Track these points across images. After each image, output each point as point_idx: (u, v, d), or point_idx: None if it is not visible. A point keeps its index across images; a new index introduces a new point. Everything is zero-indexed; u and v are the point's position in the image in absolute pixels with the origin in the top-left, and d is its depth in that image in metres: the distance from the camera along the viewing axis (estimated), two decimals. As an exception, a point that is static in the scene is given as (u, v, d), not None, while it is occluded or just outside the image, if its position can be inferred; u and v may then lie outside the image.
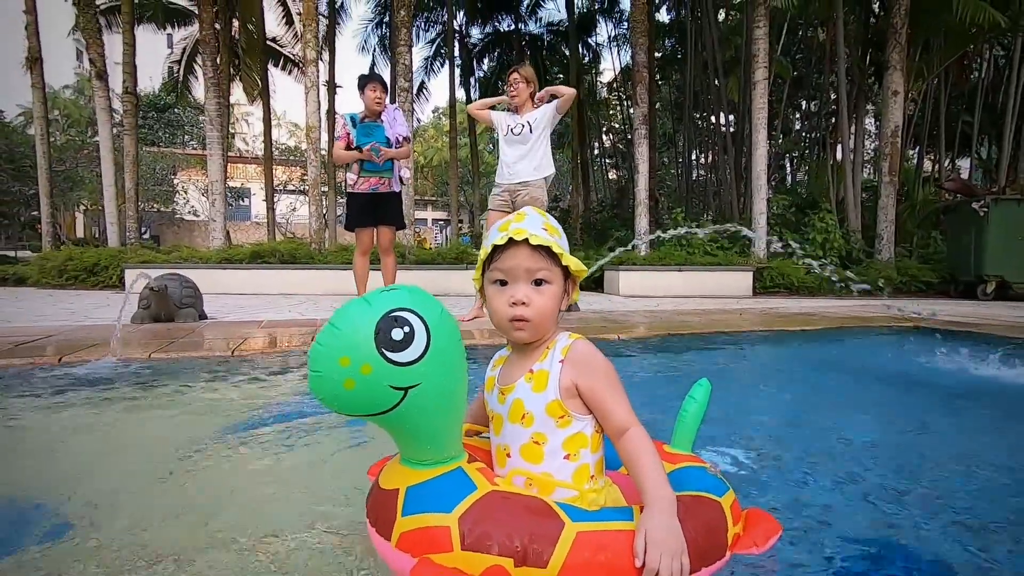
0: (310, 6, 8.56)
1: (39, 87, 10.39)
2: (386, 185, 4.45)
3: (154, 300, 3.62)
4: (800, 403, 2.26)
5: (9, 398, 2.06)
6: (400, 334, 0.80)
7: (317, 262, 7.88)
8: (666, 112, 21.75)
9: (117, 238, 9.91)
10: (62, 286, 7.91)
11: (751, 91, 8.33)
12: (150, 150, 24.69)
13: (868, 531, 1.11)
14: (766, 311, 5.21)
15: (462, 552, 0.79)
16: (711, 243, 8.42)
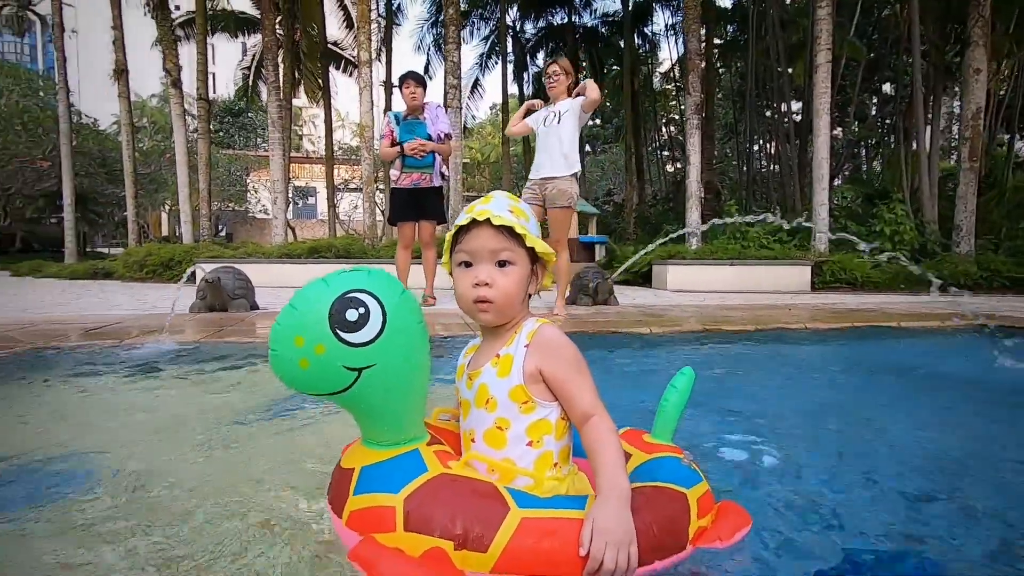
0: (364, 9, 8.85)
1: (125, 96, 11.32)
2: (427, 180, 4.57)
3: (209, 291, 3.88)
4: (827, 403, 2.15)
5: (76, 375, 2.29)
6: (355, 315, 0.80)
7: (370, 256, 8.17)
8: (728, 101, 20.94)
9: (191, 235, 10.65)
10: (142, 279, 8.61)
11: (813, 75, 7.88)
12: (225, 152, 26.30)
13: (892, 538, 1.05)
14: (820, 306, 4.94)
15: (405, 533, 0.80)
16: (767, 236, 8.06)
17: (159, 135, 23.02)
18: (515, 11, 18.20)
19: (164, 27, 10.81)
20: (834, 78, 11.86)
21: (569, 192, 4.14)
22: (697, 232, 8.10)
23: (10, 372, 2.28)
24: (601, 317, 3.94)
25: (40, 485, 1.24)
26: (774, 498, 1.17)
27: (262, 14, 10.58)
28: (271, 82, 10.03)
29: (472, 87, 19.65)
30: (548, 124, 4.18)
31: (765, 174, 16.51)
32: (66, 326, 3.30)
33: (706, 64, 15.98)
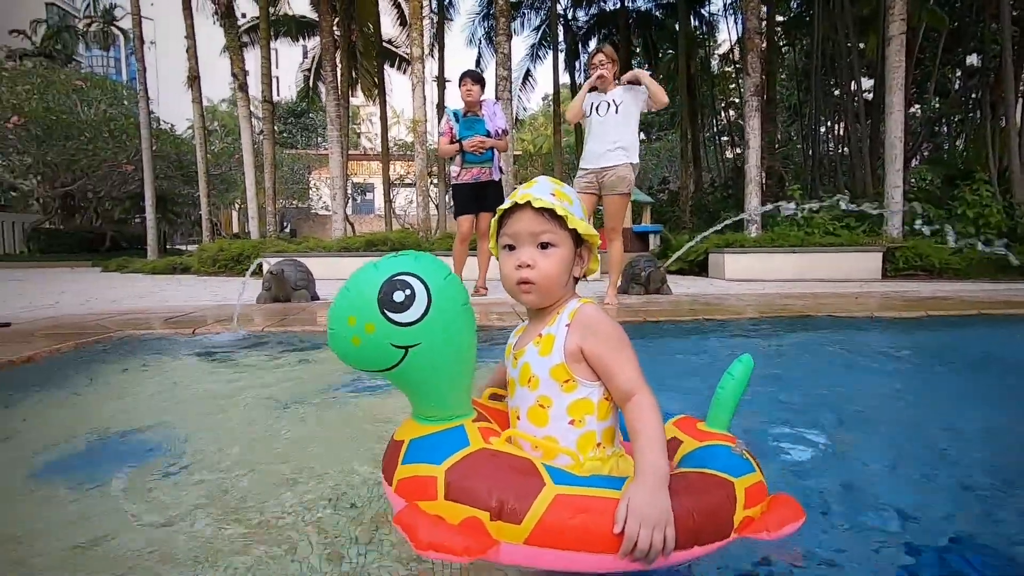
0: (416, 5, 9.01)
1: (198, 102, 12.03)
2: (487, 174, 4.71)
3: (274, 283, 4.10)
4: (892, 396, 2.03)
5: (157, 359, 2.50)
6: (401, 296, 0.86)
7: (424, 249, 8.36)
8: (792, 81, 19.89)
9: (258, 231, 11.23)
10: (215, 273, 9.17)
11: (885, 48, 7.37)
12: (289, 152, 27.51)
13: (947, 536, 1.01)
14: (890, 294, 4.65)
15: (445, 501, 0.84)
16: (834, 222, 7.63)
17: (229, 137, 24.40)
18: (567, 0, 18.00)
19: (231, 35, 11.41)
20: (911, 50, 11.07)
21: (628, 179, 4.09)
22: (756, 219, 7.79)
23: (103, 356, 2.51)
24: (653, 306, 3.88)
25: (123, 454, 1.37)
26: (825, 492, 1.14)
27: (320, 16, 10.97)
28: (329, 82, 10.40)
29: (524, 78, 19.61)
30: (603, 114, 4.12)
31: (833, 157, 15.61)
32: (149, 316, 3.58)
33: (768, 43, 15.24)
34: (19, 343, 2.50)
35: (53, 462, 1.32)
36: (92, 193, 18.39)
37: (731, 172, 18.25)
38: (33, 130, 15.22)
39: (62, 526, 1.01)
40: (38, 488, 1.19)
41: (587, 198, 4.23)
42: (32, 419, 1.67)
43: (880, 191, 7.80)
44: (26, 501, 1.13)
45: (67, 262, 15.67)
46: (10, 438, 1.52)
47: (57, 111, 15.50)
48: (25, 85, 15.91)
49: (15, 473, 1.26)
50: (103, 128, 16.21)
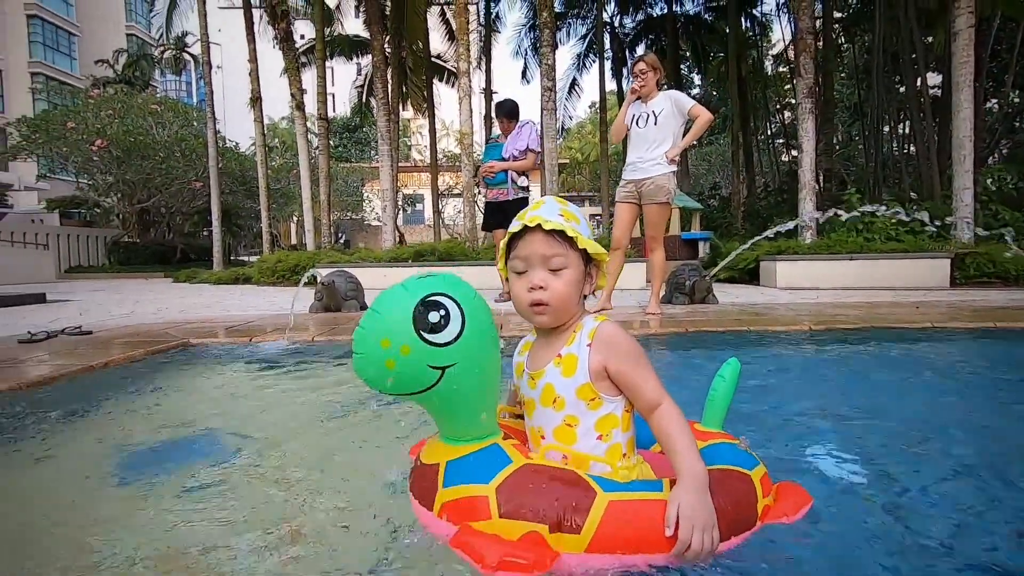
0: (463, 21, 9.23)
1: (259, 121, 12.72)
2: (503, 194, 5.22)
3: (325, 293, 4.30)
4: (950, 414, 1.93)
5: (217, 366, 2.68)
6: (436, 317, 0.86)
7: (471, 259, 8.50)
8: (852, 80, 19.03)
9: (313, 243, 11.72)
10: (274, 283, 9.64)
11: (951, 44, 6.97)
12: (343, 166, 28.59)
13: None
14: (957, 303, 4.38)
15: (500, 519, 0.85)
16: (897, 226, 7.24)
17: (287, 153, 25.65)
18: (612, 7, 17.94)
19: (290, 57, 12.02)
20: (984, 42, 10.40)
21: (667, 188, 4.05)
22: (812, 224, 7.49)
23: (171, 363, 2.71)
24: (698, 316, 3.82)
25: (184, 452, 1.49)
26: (865, 509, 1.11)
27: (372, 36, 11.40)
28: (380, 98, 10.78)
29: (569, 88, 19.65)
30: (643, 125, 4.11)
31: (898, 158, 14.81)
32: (212, 324, 3.83)
33: (825, 41, 14.67)
34: (99, 350, 2.74)
35: (125, 461, 1.45)
36: (165, 208, 19.68)
37: (786, 176, 17.59)
38: (114, 151, 16.49)
39: (135, 522, 1.12)
40: (116, 484, 1.32)
41: (629, 208, 4.23)
42: (110, 419, 1.83)
43: (948, 193, 7.36)
44: (105, 496, 1.26)
45: (142, 273, 16.84)
46: (85, 438, 1.68)
47: (135, 133, 16.75)
48: (108, 110, 17.28)
49: (97, 469, 1.40)
50: (175, 148, 17.38)
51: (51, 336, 3.10)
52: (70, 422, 1.77)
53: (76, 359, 2.49)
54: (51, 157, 18.48)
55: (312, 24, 14.52)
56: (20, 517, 1.17)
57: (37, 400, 1.95)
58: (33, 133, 17.06)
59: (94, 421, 1.80)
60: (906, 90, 13.64)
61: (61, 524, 1.12)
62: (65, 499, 1.25)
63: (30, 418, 1.77)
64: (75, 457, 1.51)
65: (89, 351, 2.70)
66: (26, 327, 3.50)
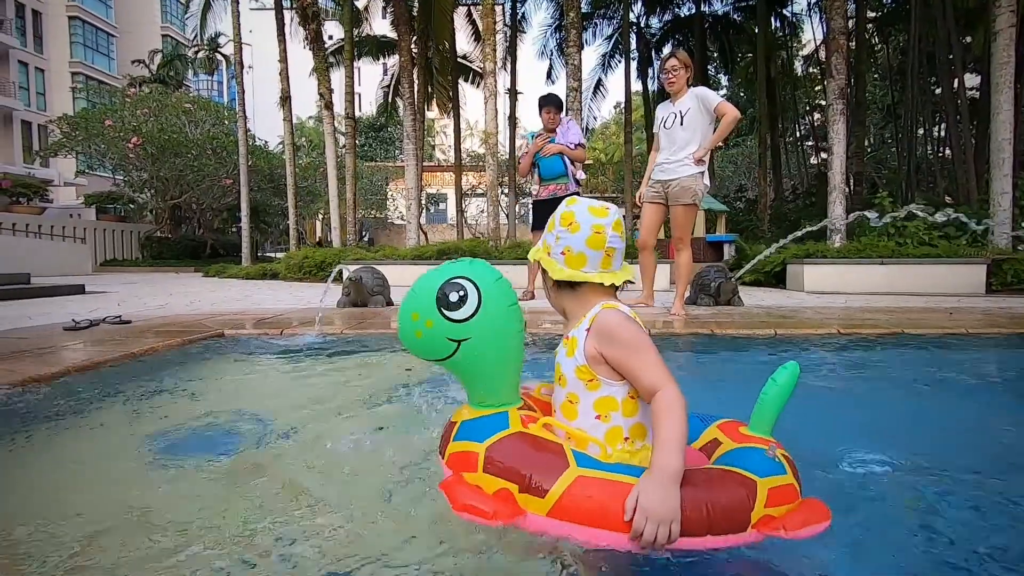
0: (489, 22, 9.28)
1: (288, 120, 12.97)
2: (563, 189, 4.89)
3: (352, 288, 4.37)
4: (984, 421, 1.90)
5: (249, 356, 2.76)
6: (455, 296, 1.01)
7: (493, 258, 8.54)
8: (885, 81, 18.60)
9: (339, 240, 11.89)
10: (300, 279, 9.83)
11: (991, 43, 6.78)
12: (368, 165, 28.93)
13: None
14: (992, 310, 4.27)
15: (483, 474, 0.98)
16: (930, 231, 7.07)
17: (314, 152, 26.09)
18: (639, 7, 17.83)
19: (319, 57, 12.24)
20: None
21: (693, 189, 4.04)
22: (841, 228, 7.35)
23: (206, 352, 2.81)
24: (723, 318, 3.79)
25: (222, 437, 1.55)
26: (883, 514, 1.11)
27: (399, 36, 11.54)
28: (407, 98, 10.90)
29: (595, 88, 19.58)
30: (671, 125, 4.10)
31: (932, 161, 14.41)
32: (243, 317, 3.94)
33: (857, 42, 14.35)
34: (139, 338, 2.85)
35: (164, 444, 1.52)
36: (196, 205, 20.18)
37: (814, 179, 17.27)
38: (149, 149, 16.97)
39: (170, 501, 1.18)
40: (157, 465, 1.38)
41: (656, 208, 4.23)
42: (151, 404, 1.91)
43: (985, 198, 7.15)
44: (145, 477, 1.32)
45: (174, 267, 17.31)
46: (132, 421, 1.76)
47: (169, 131, 17.22)
48: (143, 109, 17.80)
49: (136, 451, 1.47)
50: (207, 146, 17.81)
51: (93, 324, 3.23)
52: (113, 406, 1.86)
53: (118, 347, 2.59)
54: (89, 154, 19.10)
55: (341, 25, 14.75)
56: (68, 496, 1.24)
57: (83, 385, 2.04)
58: (73, 131, 17.66)
59: (136, 406, 1.88)
60: (942, 91, 13.27)
61: (103, 499, 1.19)
62: (111, 475, 1.32)
63: (74, 401, 1.86)
64: (119, 438, 1.58)
65: (130, 339, 2.81)
66: (69, 316, 3.64)
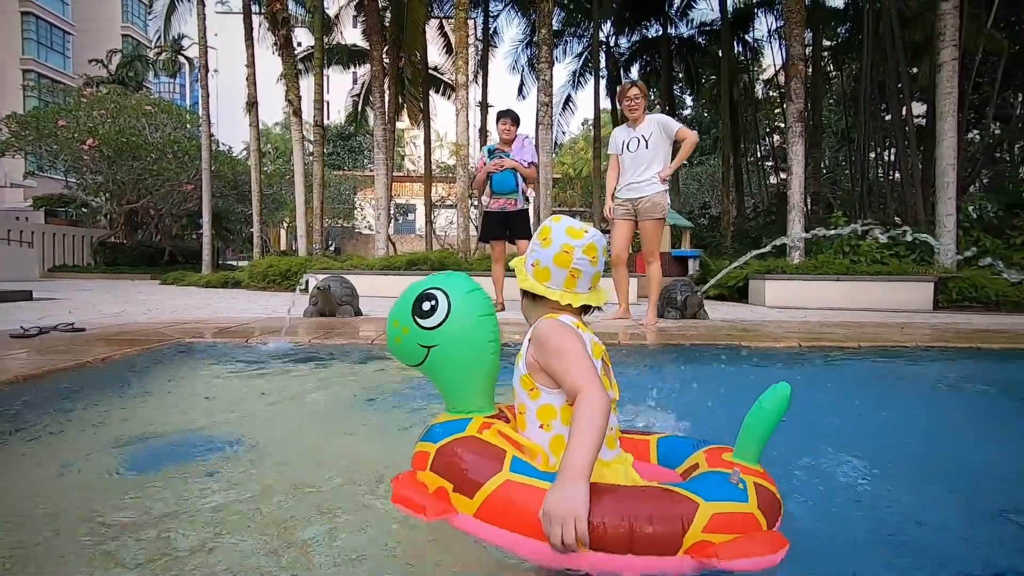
0: (462, 35, 9.35)
1: (255, 125, 12.73)
2: (512, 204, 5.09)
3: (320, 298, 4.30)
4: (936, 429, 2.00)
5: (210, 366, 2.67)
6: (428, 305, 1.09)
7: (464, 269, 8.52)
8: (839, 107, 19.50)
9: (305, 249, 11.68)
10: (264, 288, 9.58)
11: (936, 75, 7.21)
12: (336, 173, 28.57)
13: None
14: (940, 326, 4.49)
15: (430, 472, 1.03)
16: (882, 250, 7.41)
17: (280, 159, 25.60)
18: (609, 27, 18.26)
19: (288, 63, 12.08)
20: (968, 75, 10.73)
21: (661, 204, 4.28)
22: (800, 245, 7.64)
23: (165, 361, 2.70)
24: (690, 330, 3.87)
25: (176, 451, 1.49)
26: (845, 525, 1.15)
27: (371, 46, 11.51)
28: (377, 107, 10.85)
29: (564, 103, 19.91)
30: (635, 148, 4.31)
31: (883, 184, 15.14)
32: (206, 326, 3.81)
33: (814, 68, 15.03)
34: (93, 347, 2.72)
35: (119, 458, 1.46)
36: (154, 210, 19.51)
37: (774, 198, 17.92)
38: (105, 151, 16.36)
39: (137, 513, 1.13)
40: (116, 477, 1.32)
41: (627, 224, 4.41)
42: (104, 416, 1.83)
43: (932, 219, 7.54)
44: (103, 488, 1.26)
45: (128, 274, 16.64)
46: (86, 432, 1.67)
47: (127, 133, 16.65)
48: (100, 110, 17.17)
49: (93, 464, 1.40)
50: (168, 150, 17.28)
51: (43, 332, 3.07)
52: (64, 418, 1.77)
53: (71, 355, 2.48)
54: (40, 155, 18.28)
55: (310, 32, 14.61)
56: (20, 507, 1.17)
57: (31, 395, 1.94)
58: (23, 130, 16.89)
59: (89, 417, 1.80)
60: (891, 118, 14.00)
61: (55, 516, 1.13)
62: (61, 490, 1.26)
63: (25, 412, 1.76)
64: (69, 452, 1.51)
65: (84, 348, 2.69)
66: (16, 323, 3.46)
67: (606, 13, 16.68)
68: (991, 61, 12.45)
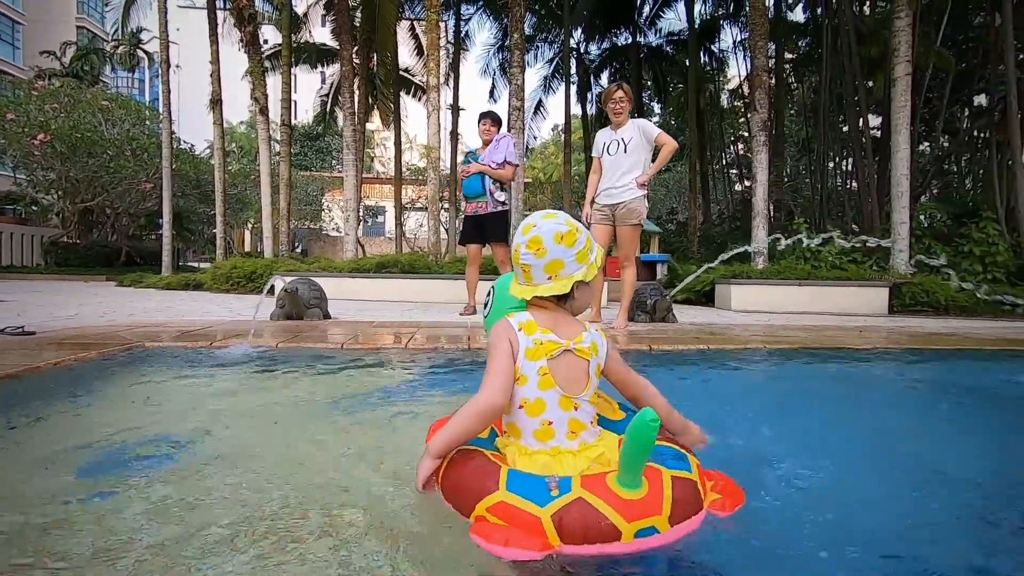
0: (433, 37, 9.31)
1: (219, 124, 12.38)
2: (483, 207, 5.11)
3: (288, 300, 4.20)
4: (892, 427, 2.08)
5: (171, 370, 2.58)
6: (486, 299, 1.46)
7: (434, 272, 8.46)
8: (801, 117, 20.18)
9: (271, 251, 11.41)
10: (228, 290, 9.32)
11: (891, 89, 7.54)
12: (303, 174, 28.03)
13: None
14: (895, 329, 4.68)
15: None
16: (840, 256, 7.69)
17: (245, 159, 24.98)
18: (579, 33, 18.47)
19: (255, 60, 11.81)
20: (919, 90, 11.25)
21: (639, 211, 4.33)
22: (764, 251, 7.85)
23: (120, 365, 2.60)
24: (658, 334, 3.93)
25: (132, 459, 1.43)
26: (799, 518, 1.19)
27: (341, 46, 11.35)
28: (347, 108, 10.70)
29: (535, 108, 20.03)
30: (614, 152, 4.35)
31: (841, 192, 15.71)
32: (166, 329, 3.68)
33: (777, 80, 15.52)
34: (46, 351, 2.60)
35: (78, 464, 1.39)
36: (111, 209, 18.76)
37: (739, 204, 18.40)
38: (58, 147, 15.64)
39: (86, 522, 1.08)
40: (63, 486, 1.26)
41: (605, 229, 4.45)
42: (58, 422, 1.75)
43: (887, 227, 7.86)
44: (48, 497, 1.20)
45: (83, 275, 15.93)
46: (37, 440, 1.59)
47: (82, 129, 15.95)
48: (53, 104, 16.42)
49: (48, 470, 1.34)
50: (125, 147, 16.63)
51: (-10, 336, 2.92)
52: (14, 425, 1.68)
53: (21, 360, 2.36)
54: (-15, 149, 17.37)
55: (277, 30, 14.31)
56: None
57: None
58: (-33, 123, 16.01)
59: (41, 425, 1.71)
60: (849, 129, 14.58)
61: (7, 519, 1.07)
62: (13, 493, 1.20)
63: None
64: (24, 458, 1.43)
65: (35, 352, 2.56)
66: (-40, 326, 3.27)
67: (577, 20, 16.86)
68: (940, 77, 13.07)
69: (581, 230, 1.21)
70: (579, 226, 1.21)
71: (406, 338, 3.42)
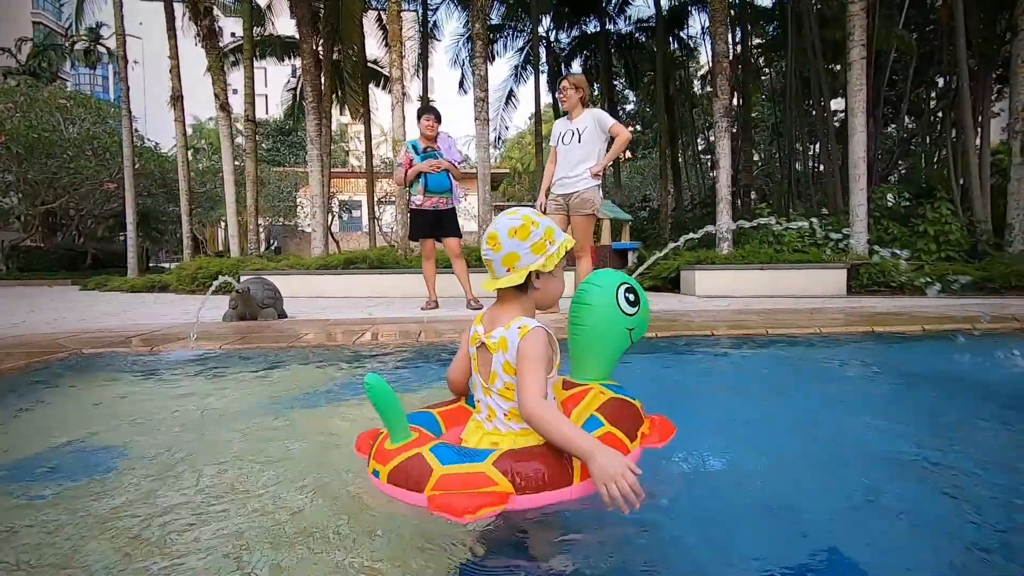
0: (396, 28, 9.19)
1: (180, 121, 12.10)
2: (445, 203, 5.12)
3: (240, 301, 4.15)
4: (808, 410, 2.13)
5: (111, 377, 2.53)
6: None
7: (403, 266, 8.41)
8: (771, 102, 20.38)
9: (238, 249, 11.22)
10: (194, 292, 9.15)
11: (848, 72, 7.64)
12: (276, 170, 27.54)
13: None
14: (848, 310, 4.78)
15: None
16: (802, 239, 7.82)
17: (216, 155, 24.42)
18: (548, 22, 18.36)
19: (213, 55, 11.54)
20: (882, 72, 11.42)
21: (592, 200, 4.36)
22: (728, 236, 7.95)
23: (55, 375, 2.54)
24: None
25: (68, 471, 1.41)
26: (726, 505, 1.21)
27: (301, 38, 11.13)
28: (309, 101, 10.54)
29: (507, 98, 19.91)
30: (568, 142, 4.39)
31: (809, 175, 15.95)
32: (112, 335, 3.61)
33: (745, 65, 15.65)
34: (-29, 362, 2.53)
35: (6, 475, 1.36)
36: (74, 211, 18.29)
37: (710, 190, 18.55)
38: (14, 148, 15.16)
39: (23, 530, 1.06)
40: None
41: (560, 219, 4.50)
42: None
43: (847, 209, 8.00)
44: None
45: (47, 280, 15.53)
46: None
47: (40, 129, 15.47)
48: (8, 103, 15.88)
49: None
50: (86, 146, 16.19)
51: (-82, 348, 2.83)
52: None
53: (-57, 372, 2.30)
54: (-62, 152, 16.74)
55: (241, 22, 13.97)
56: None
57: None
58: (-84, 125, 15.41)
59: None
60: (816, 113, 14.76)
61: None
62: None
63: None
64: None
65: (-40, 363, 2.49)
66: None
67: (544, 8, 16.75)
68: (904, 59, 13.27)
69: (539, 223, 1.25)
70: (537, 219, 1.25)
71: (356, 335, 3.40)
